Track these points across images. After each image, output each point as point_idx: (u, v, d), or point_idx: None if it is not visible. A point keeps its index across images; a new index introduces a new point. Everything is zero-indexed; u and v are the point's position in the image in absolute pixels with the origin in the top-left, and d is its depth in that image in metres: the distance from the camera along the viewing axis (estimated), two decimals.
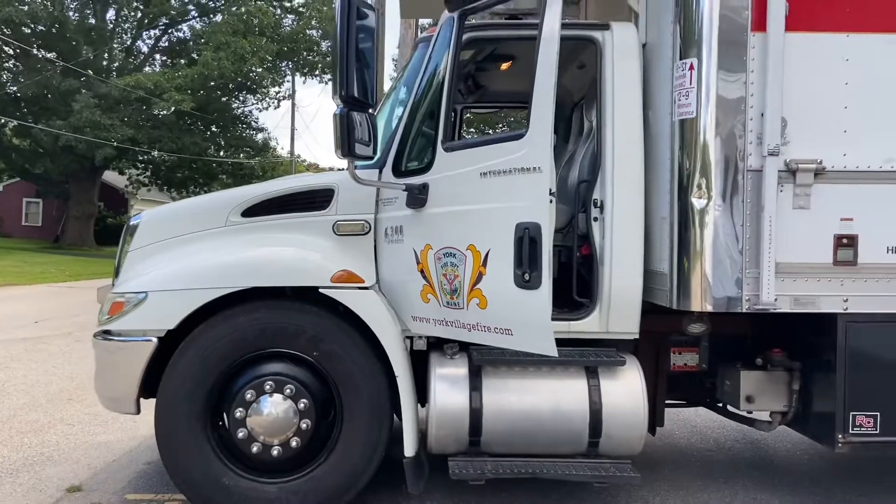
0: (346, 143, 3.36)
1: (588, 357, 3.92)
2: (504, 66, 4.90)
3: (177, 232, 4.12)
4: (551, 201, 3.43)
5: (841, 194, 3.64)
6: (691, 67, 3.69)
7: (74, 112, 27.46)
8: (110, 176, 36.88)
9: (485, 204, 3.47)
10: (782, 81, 3.57)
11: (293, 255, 3.91)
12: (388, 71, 17.36)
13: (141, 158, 32.89)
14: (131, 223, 4.33)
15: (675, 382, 4.54)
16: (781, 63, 3.57)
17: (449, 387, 3.87)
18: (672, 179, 3.82)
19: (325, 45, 33.62)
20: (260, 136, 36.36)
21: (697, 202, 3.69)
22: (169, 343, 3.81)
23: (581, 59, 4.74)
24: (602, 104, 4.01)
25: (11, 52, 31.27)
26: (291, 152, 47.49)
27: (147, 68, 34.05)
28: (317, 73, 35.94)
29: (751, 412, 4.29)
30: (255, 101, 35.35)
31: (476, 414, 3.82)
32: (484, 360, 3.87)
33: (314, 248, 3.93)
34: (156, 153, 30.83)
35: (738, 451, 5.39)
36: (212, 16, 34.21)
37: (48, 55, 30.66)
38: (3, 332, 9.59)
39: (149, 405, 3.92)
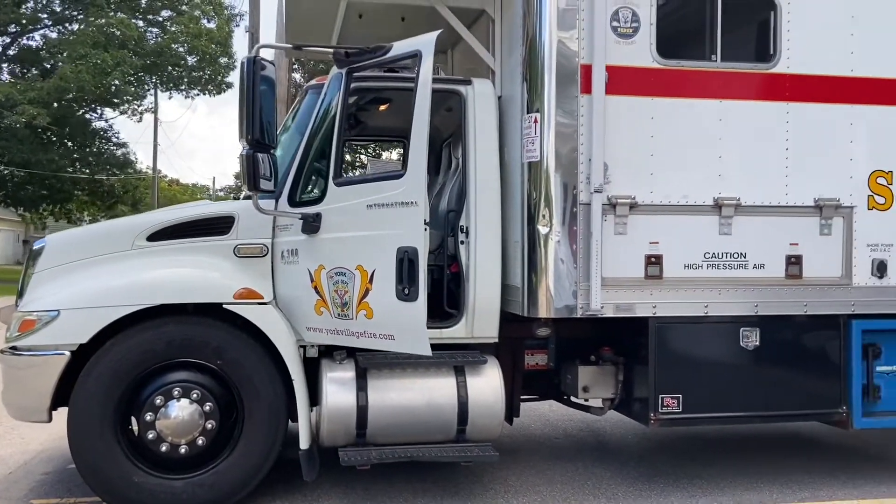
0: (252, 179, 3.95)
1: (456, 358, 4.66)
2: (383, 107, 5.61)
3: (83, 255, 4.48)
4: (426, 229, 4.16)
5: (650, 223, 4.63)
6: (535, 120, 4.57)
7: None
8: None
9: (371, 231, 4.17)
10: (604, 133, 4.52)
11: (198, 274, 4.39)
12: None
13: None
14: (35, 247, 4.63)
15: (530, 380, 5.37)
16: (603, 119, 4.51)
17: (338, 388, 4.47)
18: (523, 210, 4.68)
19: (191, 60, 32.95)
20: (121, 152, 34.83)
21: (542, 229, 4.56)
22: (78, 356, 4.17)
23: (449, 104, 5.55)
24: (466, 146, 4.82)
25: None
26: (154, 168, 45.66)
27: None
28: (182, 88, 35.04)
29: (587, 400, 5.21)
30: (115, 116, 33.95)
31: (362, 410, 4.45)
32: (369, 364, 4.52)
33: (217, 269, 4.44)
34: (5, 169, 28.78)
35: (583, 437, 6.36)
36: (67, 25, 32.58)
37: None
38: None
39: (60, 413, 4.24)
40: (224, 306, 4.32)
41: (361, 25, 5.63)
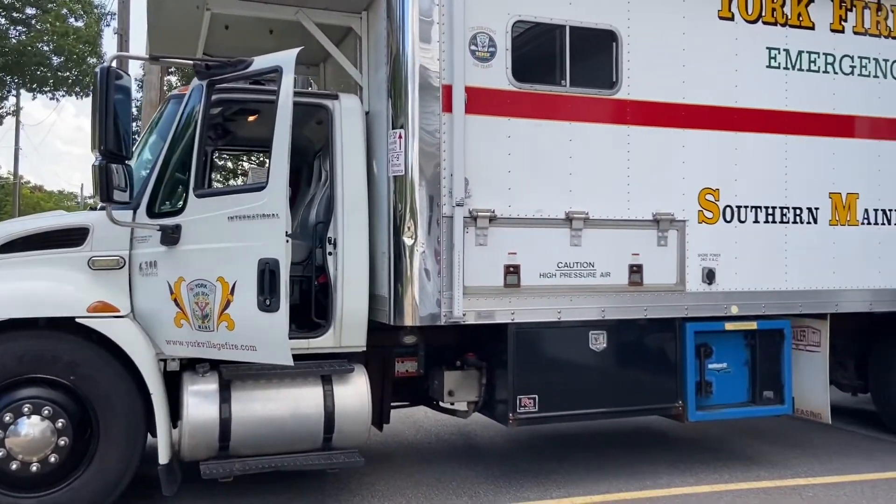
0: (106, 190, 3.89)
1: (323, 367, 4.74)
2: (251, 118, 5.62)
3: None
4: (287, 241, 4.23)
5: (508, 235, 4.92)
6: (400, 136, 4.76)
7: None
8: None
9: (232, 243, 4.20)
10: (464, 150, 4.76)
11: (49, 287, 4.25)
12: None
13: None
14: None
15: (401, 386, 5.53)
16: (463, 137, 4.76)
17: (200, 401, 4.44)
18: (389, 222, 4.84)
19: (56, 59, 31.01)
20: None
21: (407, 240, 4.74)
22: None
23: (318, 117, 5.64)
24: (333, 160, 4.93)
25: None
26: (14, 174, 42.44)
27: None
28: (47, 89, 32.86)
29: (453, 404, 5.44)
30: None
31: (225, 423, 4.43)
32: (233, 375, 4.51)
33: (70, 282, 4.31)
34: None
35: (453, 441, 6.59)
36: None
37: None
38: None
39: None
40: (77, 320, 4.20)
41: (228, 37, 5.64)
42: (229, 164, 22.78)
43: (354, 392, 4.78)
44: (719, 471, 5.58)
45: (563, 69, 5.05)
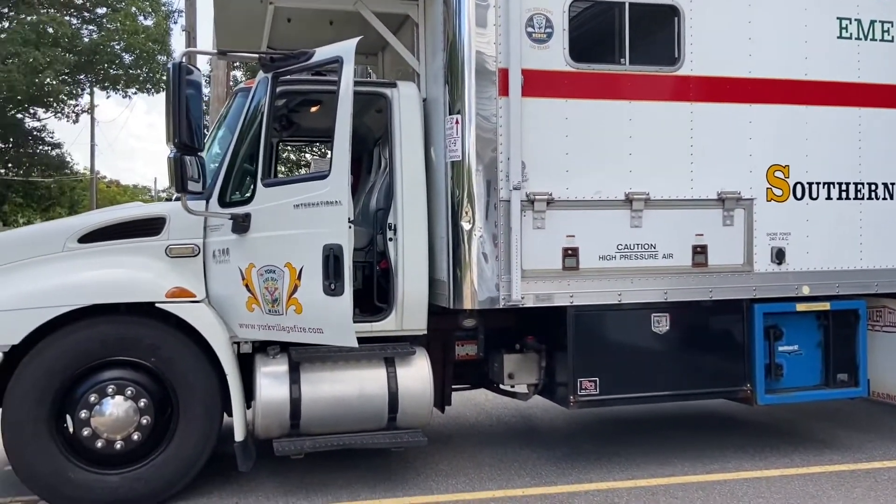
0: (180, 181, 4.09)
1: (386, 350, 4.86)
2: (313, 109, 5.77)
3: (14, 257, 4.53)
4: (350, 227, 4.35)
5: (566, 217, 4.92)
6: (457, 121, 4.81)
7: None
8: None
9: (298, 230, 4.35)
10: (521, 133, 4.78)
11: (130, 275, 4.49)
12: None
13: None
14: None
15: (461, 369, 5.61)
16: (520, 120, 4.78)
17: (272, 381, 4.63)
18: (447, 207, 4.91)
19: (127, 58, 32.25)
20: (55, 153, 33.85)
21: (465, 225, 4.80)
22: (11, 357, 4.23)
23: (378, 105, 5.74)
24: (392, 147, 5.03)
25: None
26: (91, 169, 44.29)
27: None
28: (119, 87, 34.22)
29: (513, 387, 5.50)
30: (48, 116, 32.99)
31: (295, 402, 4.62)
32: (301, 357, 4.68)
33: (149, 269, 4.55)
34: None
35: (513, 423, 6.65)
36: None
37: None
38: None
39: None
40: (156, 305, 4.43)
41: (290, 29, 5.78)
42: (292, 157, 23.32)
43: (417, 374, 4.90)
44: (790, 454, 5.47)
45: (622, 47, 5.00)
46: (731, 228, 5.19)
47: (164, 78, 4.04)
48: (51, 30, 28.48)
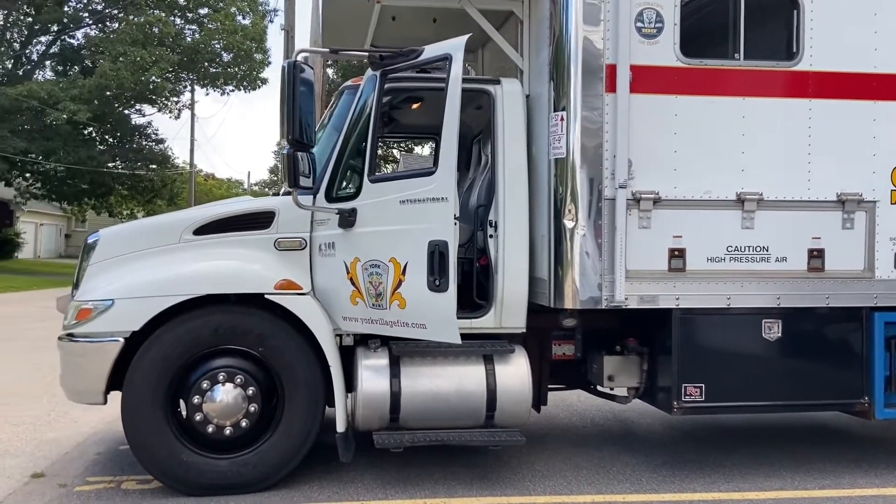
0: (293, 176, 4.20)
1: (485, 347, 4.85)
2: (415, 106, 5.82)
3: (134, 248, 4.78)
4: (455, 224, 4.36)
5: (673, 217, 4.77)
6: (562, 118, 4.74)
7: None
8: None
9: (404, 225, 4.40)
10: (629, 131, 4.66)
11: (243, 266, 4.66)
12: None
13: (30, 169, 31.58)
14: (89, 241, 4.95)
15: (557, 369, 5.55)
16: (627, 117, 4.66)
17: (373, 374, 4.70)
18: (550, 205, 4.85)
19: (226, 56, 33.54)
20: (159, 148, 35.63)
21: (568, 223, 4.73)
22: (131, 342, 4.47)
23: (479, 102, 5.73)
24: (495, 144, 5.01)
25: None
26: (191, 164, 46.39)
27: (37, 76, 32.82)
28: (219, 84, 35.64)
29: (612, 389, 5.38)
30: (153, 112, 34.78)
31: (395, 396, 4.67)
32: (402, 351, 4.74)
33: (259, 261, 4.70)
34: (50, 165, 29.67)
35: (608, 426, 6.52)
36: (108, 23, 33.41)
37: None
38: None
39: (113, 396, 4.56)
40: (266, 296, 4.58)
41: (394, 27, 5.85)
42: (379, 152, 23.65)
43: (516, 372, 4.86)
44: None
45: (736, 41, 4.79)
46: (851, 232, 4.90)
47: (280, 77, 4.13)
48: (156, 30, 29.97)
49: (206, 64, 33.79)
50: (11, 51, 33.37)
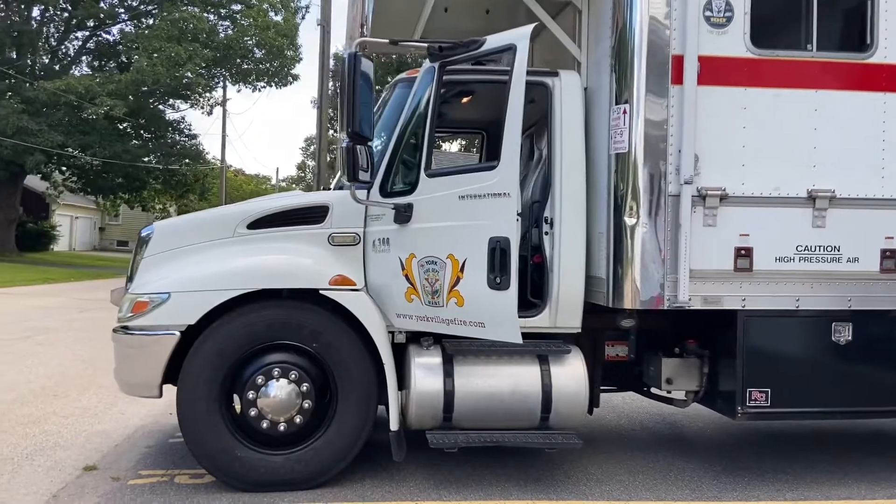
0: (352, 170, 4.11)
1: (540, 347, 4.73)
2: (465, 99, 5.70)
3: (188, 241, 4.73)
4: (518, 220, 4.24)
5: (740, 215, 4.59)
6: (624, 112, 4.59)
7: (0, 117, 26.68)
8: (30, 180, 35.74)
9: (463, 221, 4.28)
10: (695, 124, 4.50)
11: (297, 261, 4.59)
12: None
13: (67, 163, 32.08)
14: (143, 234, 4.92)
15: (609, 370, 5.41)
16: (694, 110, 4.50)
17: (426, 373, 4.60)
18: (609, 201, 4.71)
19: (259, 53, 33.71)
20: (192, 143, 35.97)
21: (629, 220, 4.58)
22: (186, 336, 4.43)
23: (532, 95, 5.59)
24: (552, 138, 4.87)
25: None
26: (222, 159, 46.83)
27: (73, 71, 33.34)
28: (250, 80, 35.84)
29: (670, 392, 5.22)
30: (186, 108, 35.09)
31: (449, 395, 4.57)
32: (455, 350, 4.63)
33: (313, 256, 4.63)
34: (86, 158, 30.10)
35: (659, 429, 6.35)
36: (143, 19, 33.79)
37: None
38: None
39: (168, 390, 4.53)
40: (320, 292, 4.51)
41: (445, 19, 5.73)
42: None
43: (571, 373, 4.74)
44: None
45: (809, 32, 4.60)
46: None
47: (340, 68, 4.03)
48: (191, 26, 30.22)
49: (239, 60, 34.02)
50: (48, 46, 33.96)
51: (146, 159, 32.36)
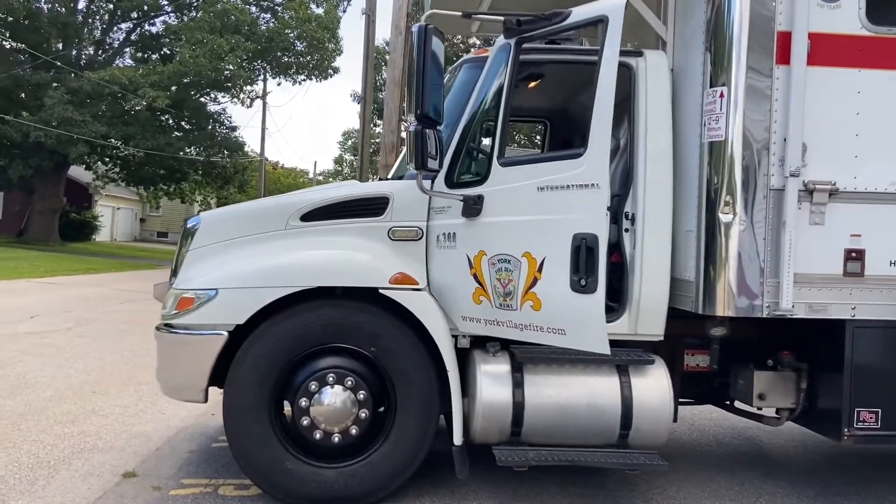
0: (420, 157, 3.68)
1: (620, 356, 4.26)
2: (532, 84, 5.24)
3: (237, 234, 4.37)
4: (607, 215, 3.78)
5: (851, 213, 4.07)
6: (721, 95, 4.09)
7: (46, 108, 26.97)
8: (74, 170, 36.20)
9: (542, 215, 3.82)
10: (803, 110, 3.99)
11: (356, 257, 4.19)
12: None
13: (109, 154, 32.38)
14: (189, 225, 4.57)
15: (687, 382, 4.91)
16: (803, 93, 3.98)
17: (494, 382, 4.18)
18: (700, 196, 4.21)
19: (300, 46, 33.58)
20: (233, 135, 36.05)
21: (724, 217, 4.09)
22: (233, 336, 4.06)
23: None
24: (634, 125, 4.39)
25: None
26: (261, 152, 46.91)
27: (117, 62, 33.65)
28: (290, 73, 35.75)
29: (760, 409, 4.71)
30: (227, 100, 35.19)
31: (518, 407, 4.14)
32: (525, 357, 4.20)
33: (372, 252, 4.22)
34: (129, 150, 30.35)
35: (737, 446, 5.83)
36: (186, 12, 33.91)
37: (18, 46, 30.01)
38: (2, 326, 9.58)
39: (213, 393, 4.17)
40: (379, 291, 4.10)
41: None
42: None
43: (655, 386, 4.27)
44: None
45: None
46: None
47: (410, 43, 3.61)
48: (233, 18, 30.17)
49: (280, 53, 33.92)
50: (93, 37, 34.30)
51: (187, 150, 32.49)
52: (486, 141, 4.22)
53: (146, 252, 35.13)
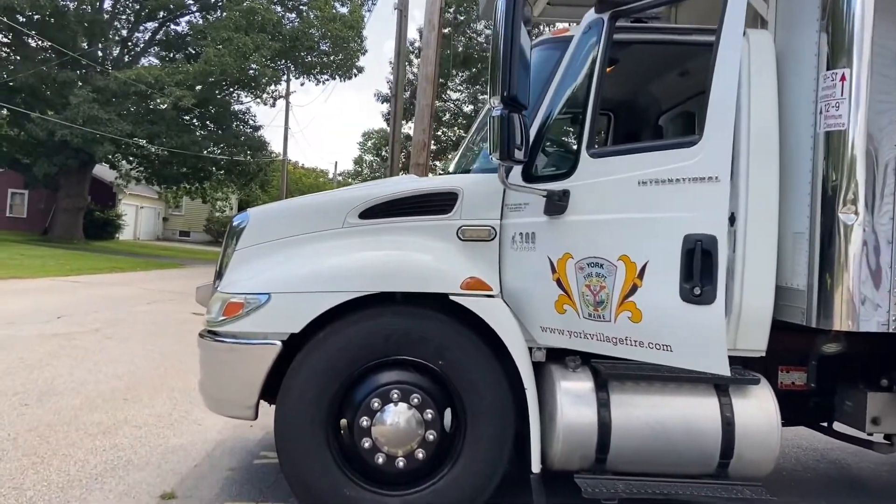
0: (506, 145, 3.22)
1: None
2: (608, 69, 4.75)
3: (289, 233, 3.94)
4: (729, 213, 3.29)
5: None
6: (843, 78, 3.58)
7: (72, 106, 26.89)
8: (98, 169, 36.21)
9: (643, 213, 3.33)
10: None
11: (424, 260, 3.74)
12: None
13: (133, 152, 32.30)
14: (235, 222, 4.16)
15: (780, 402, 4.40)
16: None
17: (576, 401, 3.71)
18: (813, 194, 3.70)
19: (324, 45, 33.30)
20: (257, 135, 35.87)
21: (845, 217, 3.58)
22: (287, 346, 3.63)
23: (691, 63, 4.62)
24: (735, 113, 3.88)
25: (6, 40, 30.66)
26: (284, 151, 46.79)
27: (142, 61, 33.58)
28: (314, 73, 35.48)
29: (871, 434, 4.19)
30: (250, 99, 35.01)
31: (604, 430, 3.67)
32: (610, 374, 3.72)
33: (441, 254, 3.77)
34: (154, 148, 30.23)
35: (823, 469, 5.30)
36: (212, 11, 33.77)
37: (45, 44, 30.01)
38: (30, 326, 9.25)
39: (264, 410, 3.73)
40: (450, 297, 3.64)
41: None
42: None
43: (759, 408, 3.78)
44: None
45: None
46: None
47: (494, 17, 3.13)
48: (259, 17, 29.94)
49: (304, 53, 33.65)
50: (119, 36, 34.26)
51: (211, 149, 32.34)
52: (570, 130, 3.74)
53: (169, 251, 35.00)
